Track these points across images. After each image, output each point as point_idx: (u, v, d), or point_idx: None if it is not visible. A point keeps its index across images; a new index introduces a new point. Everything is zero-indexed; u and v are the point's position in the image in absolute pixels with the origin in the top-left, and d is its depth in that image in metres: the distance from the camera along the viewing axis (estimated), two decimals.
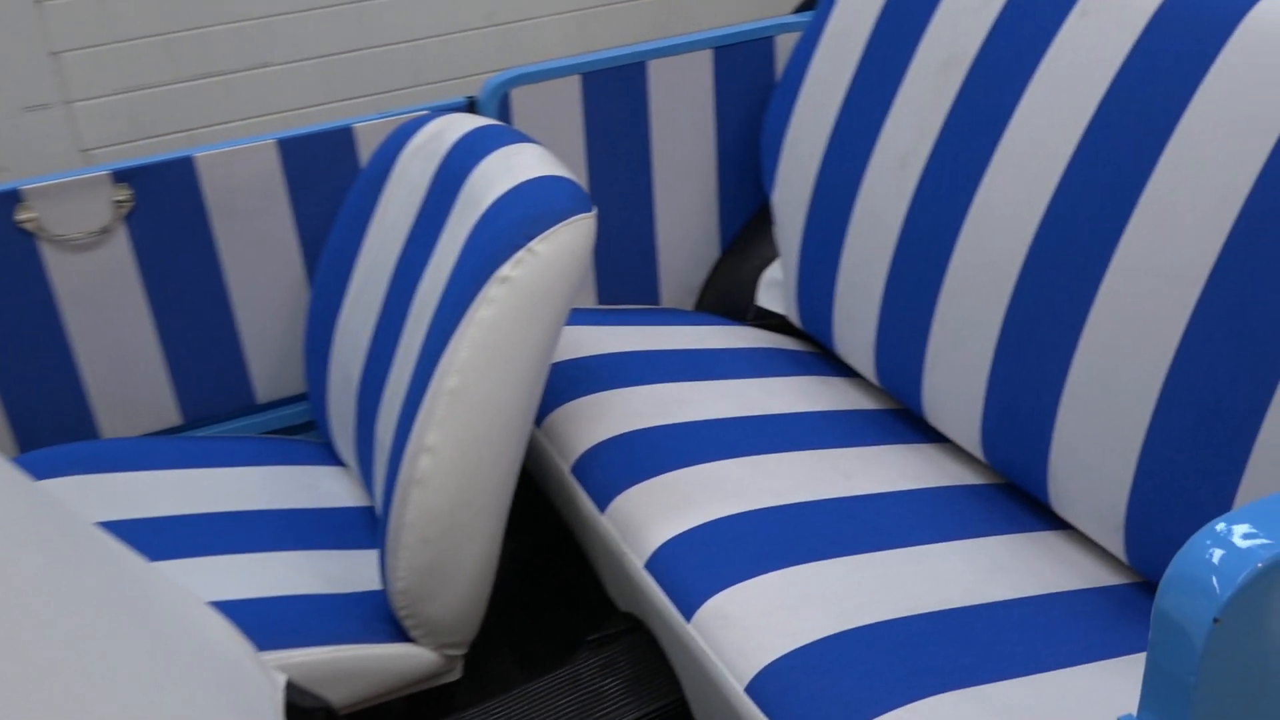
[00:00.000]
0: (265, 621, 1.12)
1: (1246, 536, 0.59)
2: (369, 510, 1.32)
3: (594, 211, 1.10)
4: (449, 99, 1.49)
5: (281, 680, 0.89)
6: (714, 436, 1.23)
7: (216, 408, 1.51)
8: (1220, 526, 0.60)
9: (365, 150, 1.46)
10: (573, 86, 1.50)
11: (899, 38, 1.31)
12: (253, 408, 1.54)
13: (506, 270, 1.05)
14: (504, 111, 1.48)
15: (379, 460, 1.24)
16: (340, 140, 1.44)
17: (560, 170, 1.15)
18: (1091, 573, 1.07)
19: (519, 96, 1.48)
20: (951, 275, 1.19)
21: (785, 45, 1.57)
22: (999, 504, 1.17)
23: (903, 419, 1.32)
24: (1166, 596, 0.60)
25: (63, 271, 1.37)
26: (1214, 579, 0.58)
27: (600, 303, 1.61)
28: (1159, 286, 0.99)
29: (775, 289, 1.52)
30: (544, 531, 1.47)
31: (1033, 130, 1.13)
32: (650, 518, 1.12)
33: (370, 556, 1.24)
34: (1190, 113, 0.99)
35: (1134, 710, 0.79)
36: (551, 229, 1.07)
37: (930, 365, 1.23)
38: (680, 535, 1.09)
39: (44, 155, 2.50)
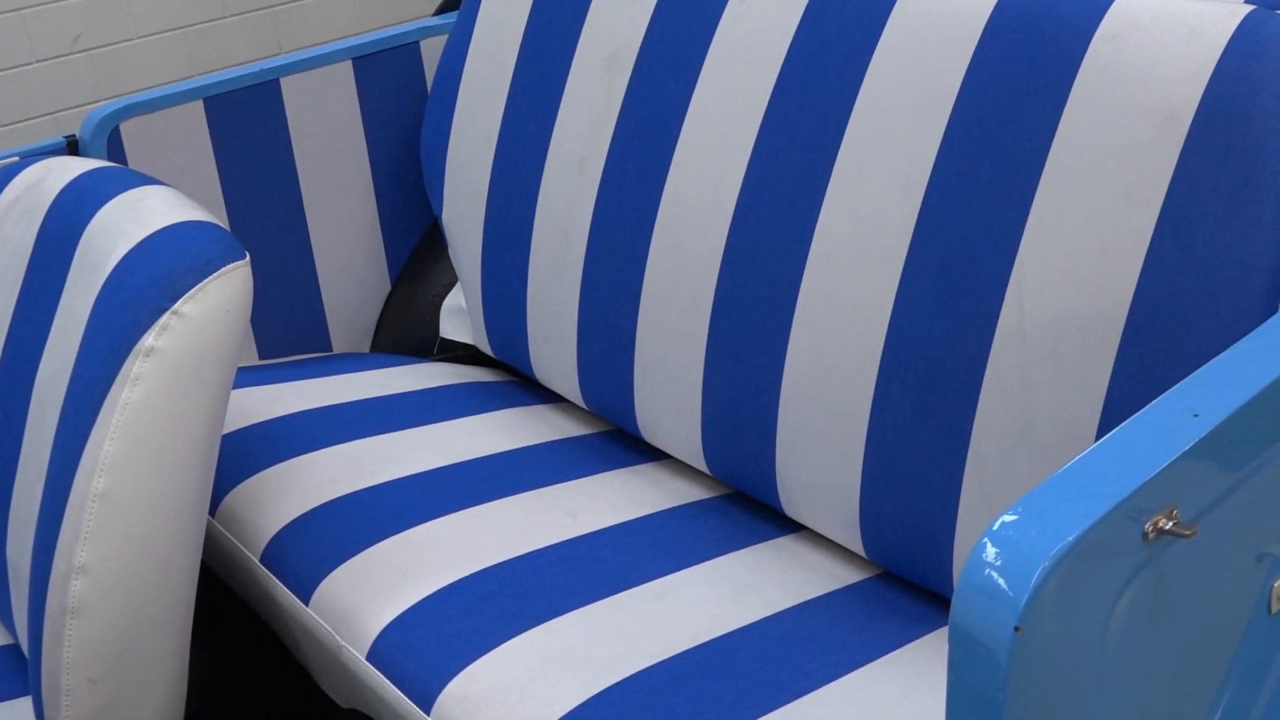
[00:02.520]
0: None
1: (1031, 531, 0.56)
2: (13, 650, 1.10)
3: (247, 258, 0.95)
4: (43, 141, 1.28)
5: None
6: (419, 495, 1.10)
7: None
8: (1001, 526, 0.56)
9: None
10: (195, 114, 1.32)
11: (555, 35, 1.24)
12: None
13: (150, 340, 0.89)
14: (115, 150, 1.28)
15: (16, 590, 1.03)
16: None
17: (199, 214, 0.98)
18: (835, 573, 1.04)
19: (131, 130, 1.29)
20: (649, 281, 1.13)
21: (433, 50, 1.46)
22: (732, 517, 1.12)
23: (618, 441, 1.25)
24: (961, 611, 0.55)
25: None
26: (1006, 584, 0.54)
27: (262, 358, 1.43)
28: (860, 271, 0.97)
29: (459, 317, 1.40)
30: (234, 627, 1.29)
31: (710, 123, 1.08)
32: (364, 602, 0.98)
33: (21, 708, 1.02)
34: (863, 94, 0.98)
35: None
36: (199, 285, 0.91)
37: (640, 380, 1.16)
38: (401, 616, 0.96)
39: None
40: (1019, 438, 0.89)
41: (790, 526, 1.10)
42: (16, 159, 1.20)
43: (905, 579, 1.02)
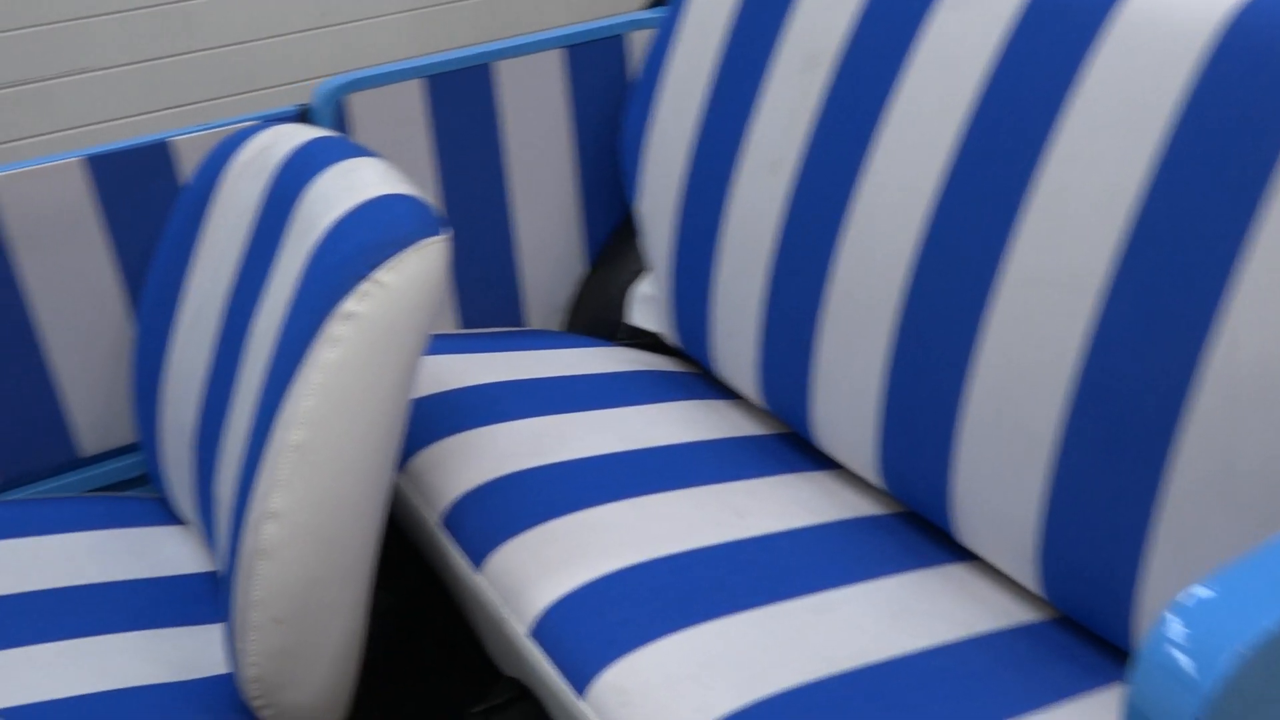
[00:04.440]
0: None
1: (1225, 611, 0.51)
2: (215, 576, 1.18)
3: (446, 233, 0.98)
4: (280, 107, 1.35)
5: None
6: (594, 477, 1.12)
7: (33, 465, 1.34)
8: (1192, 600, 0.52)
9: (187, 166, 1.31)
10: (416, 91, 1.37)
11: (758, 34, 1.23)
12: (76, 462, 1.37)
13: (351, 305, 0.93)
14: (341, 120, 1.35)
15: (221, 520, 1.10)
16: (156, 156, 1.29)
17: (405, 188, 1.02)
18: (1006, 609, 1.00)
19: (357, 103, 1.35)
20: (833, 288, 1.11)
21: (640, 43, 1.47)
22: (901, 536, 1.09)
23: (793, 444, 1.24)
24: (1139, 687, 0.51)
25: None
26: (1191, 667, 0.50)
27: (463, 327, 1.48)
28: (1055, 296, 0.93)
29: (647, 305, 1.42)
30: (419, 578, 1.34)
31: (906, 133, 1.06)
32: (532, 577, 1.01)
33: (218, 632, 1.10)
34: (1071, 110, 0.93)
35: None
36: (398, 256, 0.94)
37: (817, 386, 1.15)
38: (566, 597, 0.98)
39: None
40: (1219, 487, 0.84)
41: (961, 554, 1.07)
42: (254, 123, 1.28)
43: (1080, 624, 0.97)
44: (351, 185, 1.03)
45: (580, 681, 0.91)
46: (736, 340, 1.24)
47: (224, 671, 1.05)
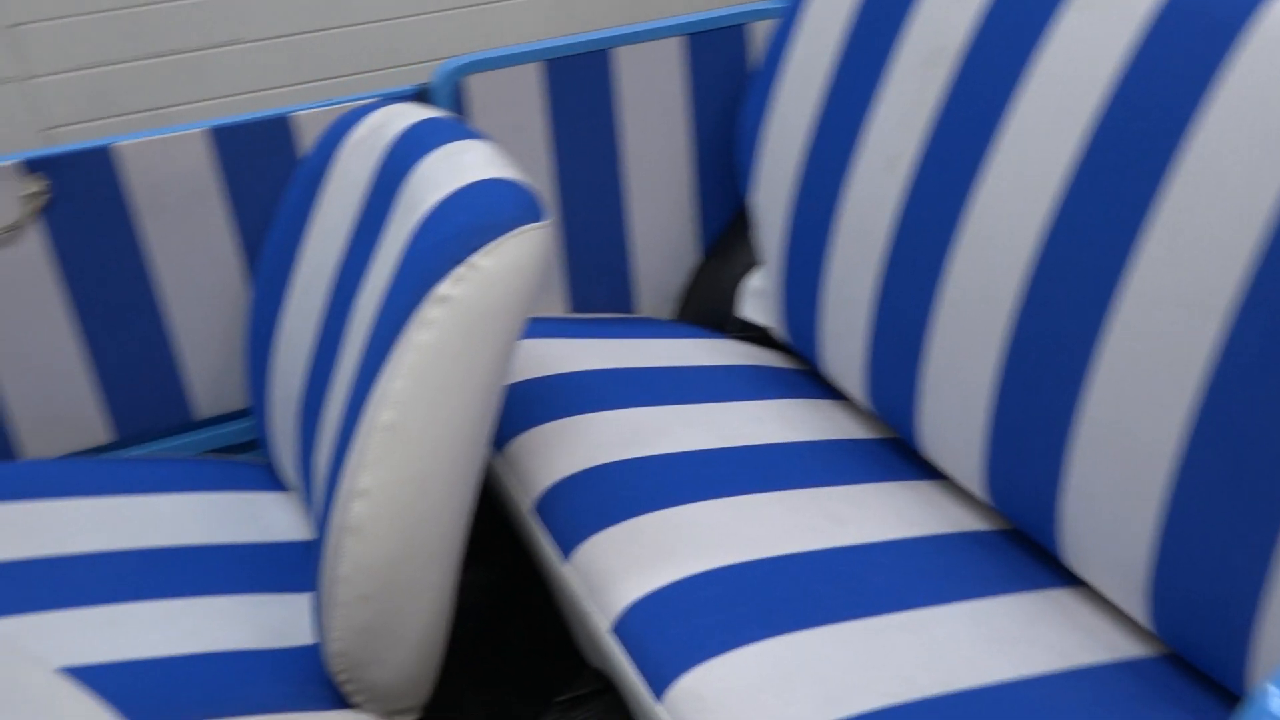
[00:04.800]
0: (179, 686, 1.00)
1: None
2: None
3: (548, 220, 0.97)
4: (400, 86, 1.36)
5: None
6: (690, 473, 1.10)
7: (150, 424, 1.38)
8: None
9: (307, 140, 1.33)
10: (534, 75, 1.37)
11: (880, 28, 1.18)
12: (191, 424, 1.41)
13: (446, 288, 0.92)
14: (459, 101, 1.35)
15: (317, 492, 1.11)
16: (277, 130, 1.31)
17: (510, 172, 1.01)
18: (1112, 642, 0.94)
19: (475, 84, 1.35)
20: (946, 291, 1.06)
21: (761, 33, 1.43)
22: (1004, 555, 1.04)
23: (897, 450, 1.19)
24: None
25: None
26: None
27: (573, 310, 1.48)
28: (1180, 315, 0.86)
29: (758, 298, 1.38)
30: (515, 557, 1.35)
31: (1028, 136, 1.00)
32: (617, 572, 0.99)
33: (308, 603, 1.11)
34: (1204, 120, 0.87)
35: None
36: (496, 241, 0.93)
37: (925, 391, 1.10)
38: (651, 595, 0.96)
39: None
40: None
41: (1066, 578, 1.01)
42: (372, 101, 1.29)
43: (1190, 663, 0.91)
44: (456, 167, 1.03)
45: (658, 684, 0.89)
46: (845, 339, 1.20)
47: (313, 642, 1.06)
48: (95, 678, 0.99)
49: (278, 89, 2.61)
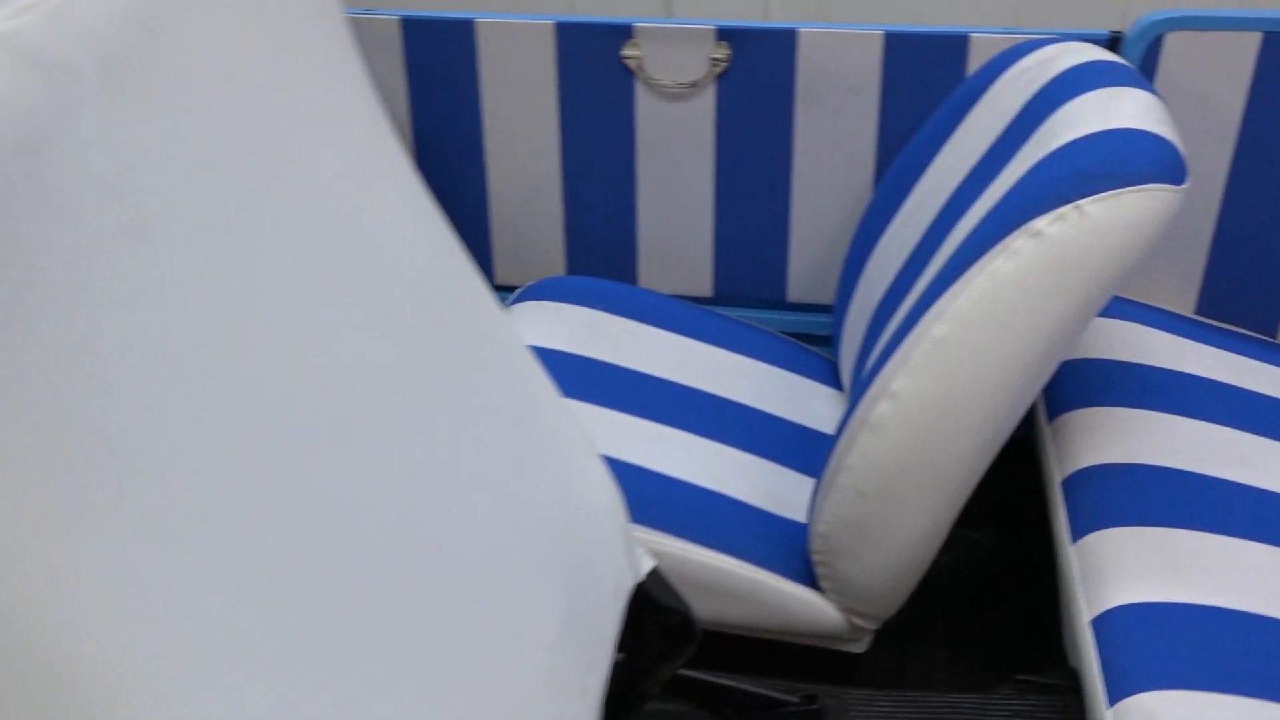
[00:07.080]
0: (679, 503, 1.09)
1: None
2: None
3: (1181, 187, 0.88)
4: (1093, 30, 1.29)
5: (646, 566, 0.85)
6: (1245, 508, 0.97)
7: (748, 292, 1.49)
8: None
9: (976, 62, 1.32)
10: (1248, 44, 1.23)
11: None
12: (782, 304, 1.50)
13: (1042, 224, 0.88)
14: (1151, 57, 1.25)
15: (852, 390, 1.14)
16: (952, 47, 1.31)
17: (1164, 129, 0.93)
18: None
19: (1174, 43, 1.24)
20: None
21: None
22: None
23: None
24: None
25: (647, 117, 1.41)
26: None
27: (1200, 312, 1.34)
28: None
29: None
30: (1037, 536, 1.29)
31: None
32: (1122, 570, 0.91)
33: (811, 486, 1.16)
34: None
35: None
36: (1114, 191, 0.87)
37: None
38: (1146, 604, 0.87)
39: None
40: None
41: None
42: (1054, 37, 1.25)
43: None
44: (1106, 110, 0.97)
45: (1116, 690, 0.82)
46: None
47: (804, 521, 1.10)
48: (622, 470, 1.11)
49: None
